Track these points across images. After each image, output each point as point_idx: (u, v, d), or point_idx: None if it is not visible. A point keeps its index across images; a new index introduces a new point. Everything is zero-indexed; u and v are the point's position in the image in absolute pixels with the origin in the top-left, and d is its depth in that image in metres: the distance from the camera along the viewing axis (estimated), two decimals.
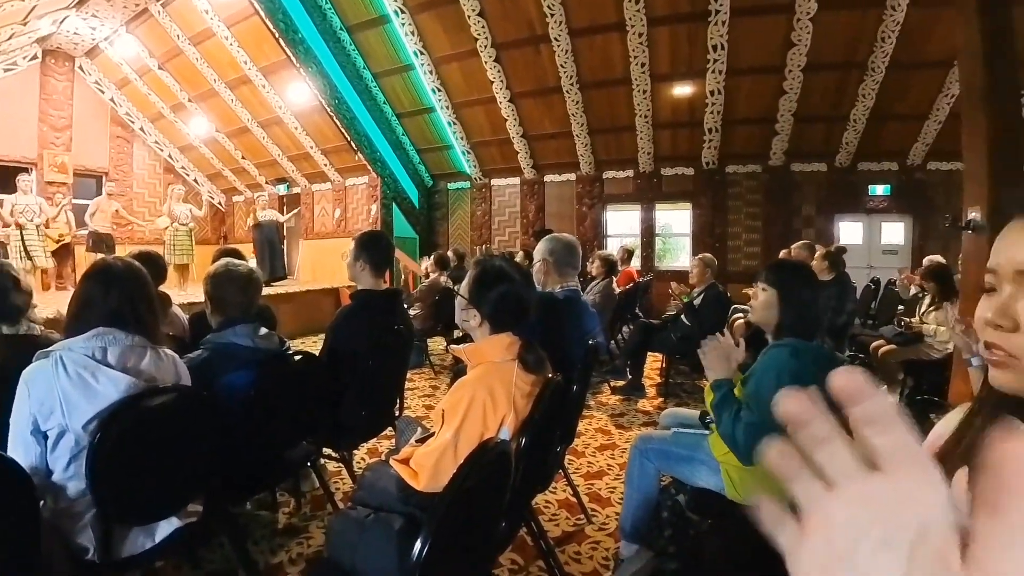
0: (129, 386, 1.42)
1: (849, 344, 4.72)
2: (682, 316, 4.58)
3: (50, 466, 1.38)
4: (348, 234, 9.02)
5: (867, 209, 8.62)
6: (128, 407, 1.38)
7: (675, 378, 4.79)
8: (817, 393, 0.75)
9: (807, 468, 0.24)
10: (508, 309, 1.55)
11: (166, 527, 1.52)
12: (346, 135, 8.87)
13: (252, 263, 2.27)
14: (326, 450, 2.49)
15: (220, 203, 12.22)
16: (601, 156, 9.11)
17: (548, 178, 9.72)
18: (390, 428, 2.65)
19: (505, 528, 1.56)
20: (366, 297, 2.40)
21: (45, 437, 1.36)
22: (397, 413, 2.65)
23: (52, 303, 4.53)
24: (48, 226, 7.96)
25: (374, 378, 2.30)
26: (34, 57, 9.22)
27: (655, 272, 8.77)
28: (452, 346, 1.74)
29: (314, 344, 6.19)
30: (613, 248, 8.15)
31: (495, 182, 10.13)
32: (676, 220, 9.77)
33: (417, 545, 0.92)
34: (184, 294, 6.48)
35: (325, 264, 9.76)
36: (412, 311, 5.07)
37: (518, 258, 5.93)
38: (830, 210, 8.65)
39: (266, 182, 10.99)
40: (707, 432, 1.92)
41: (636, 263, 8.36)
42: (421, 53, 8.14)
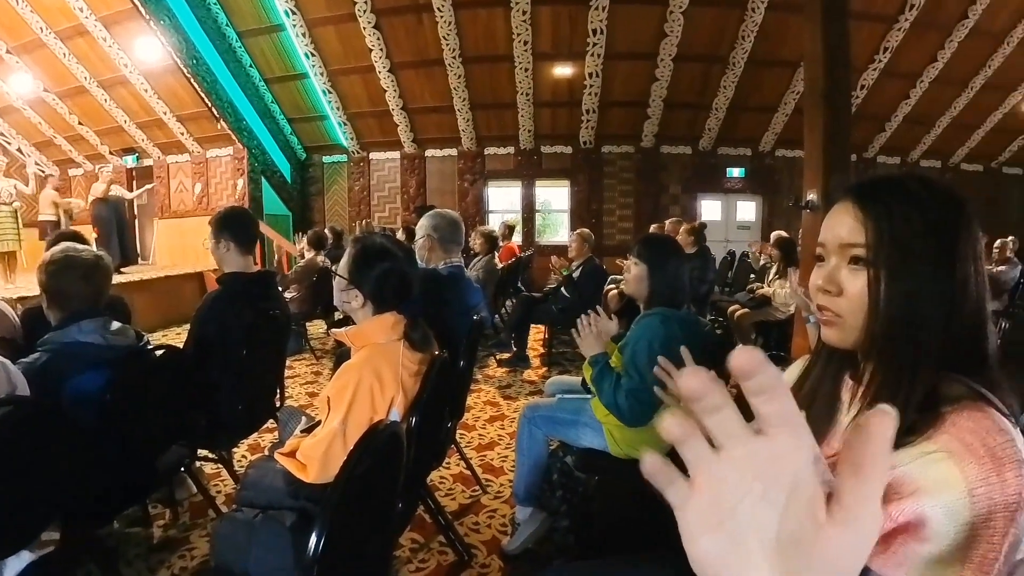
0: None
1: (710, 310, 5.27)
2: (562, 288, 4.79)
3: None
4: (211, 212, 8.09)
5: (725, 189, 9.69)
6: None
7: (557, 348, 5.02)
8: (688, 353, 0.84)
9: (699, 433, 0.26)
10: (391, 287, 1.50)
11: (15, 564, 1.28)
12: (206, 100, 7.91)
13: (95, 247, 1.97)
14: (202, 451, 2.29)
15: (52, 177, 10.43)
16: (483, 132, 9.11)
17: (429, 153, 9.53)
18: (272, 421, 2.48)
19: (402, 509, 1.54)
20: (234, 280, 2.19)
21: None
22: (278, 404, 2.49)
23: None
24: None
25: (250, 368, 2.12)
26: None
27: (536, 247, 9.05)
28: (333, 330, 1.66)
29: (178, 336, 5.58)
30: (495, 224, 8.26)
31: (374, 156, 9.71)
32: (555, 197, 10.09)
33: (312, 539, 0.88)
34: (12, 287, 5.54)
35: (186, 246, 8.61)
36: (288, 294, 4.77)
37: (399, 235, 5.80)
38: (694, 189, 9.57)
39: (110, 152, 9.56)
40: (589, 396, 2.04)
41: (517, 239, 8.58)
42: (293, 12, 7.49)
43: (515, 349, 4.71)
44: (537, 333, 5.33)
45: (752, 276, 5.87)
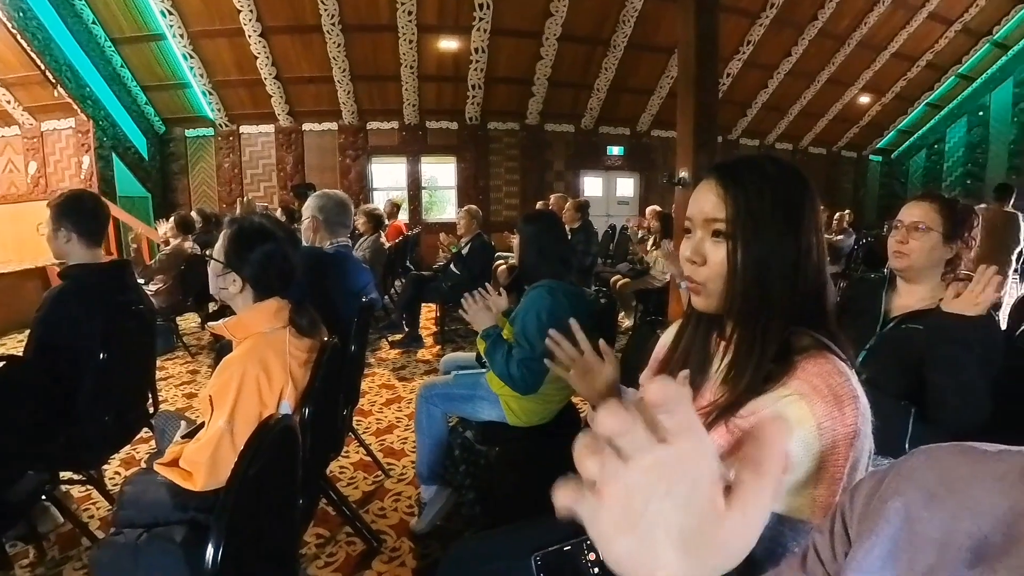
0: None
1: (594, 280, 5.57)
2: (451, 266, 4.80)
3: None
4: (50, 195, 6.96)
5: (605, 166, 10.19)
6: None
7: (450, 325, 5.02)
8: (576, 325, 0.89)
9: (609, 454, 0.30)
10: (273, 271, 1.42)
11: None
12: (38, 62, 6.66)
13: None
14: (65, 474, 1.99)
15: None
16: (365, 105, 8.69)
17: (307, 127, 8.89)
18: (146, 429, 2.25)
19: (304, 505, 1.48)
20: (82, 274, 1.91)
21: None
22: (152, 410, 2.25)
23: None
24: None
25: (113, 373, 1.86)
26: None
27: (423, 225, 8.88)
28: (210, 323, 1.52)
29: (20, 344, 4.80)
30: (380, 202, 8.00)
31: (245, 129, 8.85)
32: (442, 173, 9.97)
33: (208, 552, 0.82)
34: None
35: (22, 237, 7.22)
36: (152, 286, 4.32)
37: (278, 216, 5.44)
38: (576, 166, 9.95)
39: None
40: (484, 371, 2.09)
41: (404, 216, 8.42)
42: None
43: (407, 329, 4.67)
44: (428, 312, 5.31)
45: (631, 248, 6.27)
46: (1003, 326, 1.87)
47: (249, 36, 7.33)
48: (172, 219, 4.86)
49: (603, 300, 2.65)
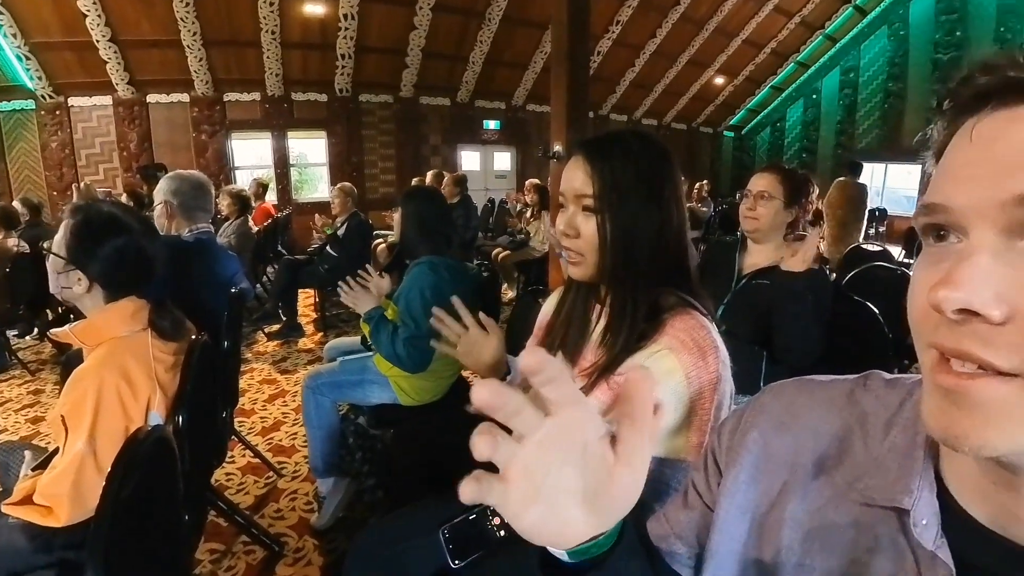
0: None
1: (476, 254, 5.64)
2: (328, 247, 4.59)
3: None
4: None
5: (482, 141, 10.24)
6: None
7: (331, 310, 4.78)
8: (460, 302, 0.92)
9: (504, 439, 0.32)
10: (127, 267, 1.27)
11: None
12: None
13: None
14: None
15: None
16: (221, 75, 7.76)
17: (152, 98, 7.71)
18: None
19: (190, 521, 1.37)
20: None
21: None
22: None
23: None
24: None
25: None
26: None
27: (294, 205, 8.36)
28: (52, 330, 1.34)
29: None
30: (244, 182, 7.35)
31: (75, 102, 7.42)
32: (311, 149, 9.33)
33: None
34: None
35: None
36: None
37: (123, 201, 4.81)
38: (453, 140, 9.87)
39: None
40: (370, 354, 2.05)
41: (272, 197, 7.77)
42: None
43: (284, 319, 4.42)
44: (307, 298, 5.04)
45: (510, 220, 6.40)
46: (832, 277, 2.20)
47: None
48: None
49: (485, 273, 2.70)
